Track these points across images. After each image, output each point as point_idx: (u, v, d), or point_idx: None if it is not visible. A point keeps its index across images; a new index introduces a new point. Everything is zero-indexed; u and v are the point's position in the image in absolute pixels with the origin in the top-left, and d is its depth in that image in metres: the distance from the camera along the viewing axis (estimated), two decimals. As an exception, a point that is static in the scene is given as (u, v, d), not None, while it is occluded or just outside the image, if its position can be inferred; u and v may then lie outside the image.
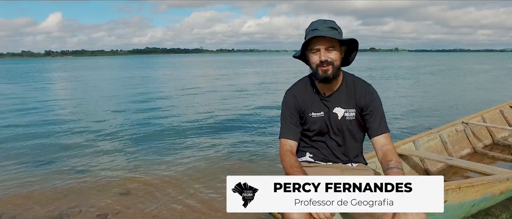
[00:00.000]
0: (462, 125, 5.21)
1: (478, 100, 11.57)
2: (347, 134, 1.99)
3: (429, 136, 4.56)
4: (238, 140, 6.47)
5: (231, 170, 4.84)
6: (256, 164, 5.07)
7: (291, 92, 2.04)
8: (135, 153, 5.72)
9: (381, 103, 1.97)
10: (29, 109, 10.58)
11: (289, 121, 1.99)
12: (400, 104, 10.85)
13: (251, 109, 10.14)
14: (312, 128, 2.00)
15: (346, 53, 1.96)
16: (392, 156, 1.79)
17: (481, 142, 5.32)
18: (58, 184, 4.42)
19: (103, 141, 6.54)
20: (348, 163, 2.05)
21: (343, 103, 1.96)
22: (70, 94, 15.66)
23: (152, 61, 78.62)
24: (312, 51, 1.86)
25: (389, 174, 1.71)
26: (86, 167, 5.08)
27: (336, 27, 1.86)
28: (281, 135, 1.99)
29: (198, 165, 5.04)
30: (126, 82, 21.67)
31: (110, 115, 9.45)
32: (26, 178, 4.64)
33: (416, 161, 4.13)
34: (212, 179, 4.44)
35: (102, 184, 4.38)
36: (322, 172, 1.96)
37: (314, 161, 2.06)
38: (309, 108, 1.99)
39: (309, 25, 1.91)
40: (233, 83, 19.36)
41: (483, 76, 23.15)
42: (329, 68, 1.83)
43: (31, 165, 5.21)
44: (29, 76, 29.43)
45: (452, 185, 2.56)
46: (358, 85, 1.98)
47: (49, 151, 5.91)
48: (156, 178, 4.52)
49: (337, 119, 1.97)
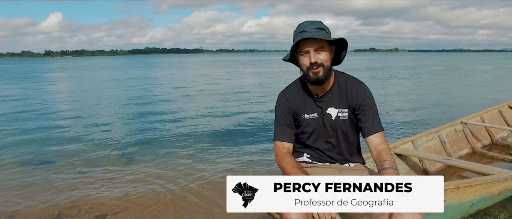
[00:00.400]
0: (461, 125, 5.22)
1: (477, 100, 11.59)
2: (341, 134, 1.99)
3: (428, 136, 4.57)
4: (237, 141, 6.47)
5: (230, 171, 4.83)
6: (255, 164, 5.07)
7: (284, 95, 2.03)
8: (134, 153, 5.72)
9: (374, 101, 1.96)
10: (27, 110, 10.55)
11: (283, 123, 1.98)
12: (399, 104, 10.85)
13: (250, 110, 10.16)
14: (306, 130, 2.00)
15: (336, 52, 1.95)
16: (386, 156, 1.78)
17: (480, 142, 5.33)
18: (57, 183, 4.41)
19: (102, 141, 6.53)
20: (346, 163, 2.05)
21: (336, 103, 1.95)
22: (69, 95, 15.65)
23: (152, 61, 78.56)
24: (301, 53, 1.85)
25: (383, 174, 1.71)
26: (85, 167, 5.08)
27: (324, 27, 1.85)
28: (276, 138, 1.98)
29: (197, 165, 5.03)
30: (125, 83, 21.68)
31: (109, 116, 9.46)
32: (25, 178, 4.64)
33: (415, 161, 4.13)
34: (211, 180, 4.45)
35: (101, 184, 4.38)
36: (320, 173, 1.96)
37: (312, 161, 2.06)
38: (302, 110, 1.98)
39: (296, 27, 1.90)
40: (232, 84, 19.37)
41: (482, 76, 23.16)
42: (319, 70, 1.82)
43: (30, 164, 5.21)
44: (28, 76, 29.41)
45: (450, 185, 2.57)
46: (350, 84, 1.97)
47: (48, 151, 5.91)
48: (155, 179, 4.52)
49: (331, 119, 1.96)
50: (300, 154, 2.08)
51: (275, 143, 1.99)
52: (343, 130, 1.98)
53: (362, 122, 1.92)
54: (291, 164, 1.84)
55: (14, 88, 18.52)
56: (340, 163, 2.04)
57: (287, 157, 1.89)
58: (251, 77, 24.99)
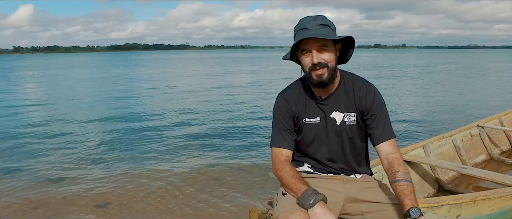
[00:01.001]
0: (477, 128, 5.22)
1: (494, 101, 11.66)
2: (347, 141, 1.94)
3: (440, 141, 4.55)
4: (227, 145, 6.47)
5: (219, 179, 4.84)
6: (247, 172, 5.06)
7: (283, 96, 1.99)
8: (113, 161, 5.68)
9: (384, 104, 1.92)
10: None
11: (282, 128, 1.94)
12: (408, 105, 10.90)
13: (241, 111, 10.14)
14: (307, 136, 1.95)
15: (342, 50, 1.91)
16: (398, 167, 1.75)
17: (498, 148, 5.33)
18: (28, 195, 4.37)
19: (78, 148, 6.47)
20: (352, 174, 1.99)
21: (342, 106, 1.90)
22: (41, 97, 15.50)
23: (130, 58, 78.05)
24: (303, 52, 1.80)
25: (396, 187, 1.69)
26: (59, 176, 5.05)
27: (328, 23, 1.80)
28: (274, 144, 1.94)
29: (183, 174, 5.02)
30: (102, 82, 21.56)
31: (86, 120, 9.37)
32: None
33: (426, 169, 4.11)
34: (198, 191, 4.42)
35: (77, 195, 4.36)
36: (323, 184, 1.91)
37: (313, 172, 2.01)
38: (303, 114, 1.93)
39: (297, 22, 1.85)
40: (220, 84, 19.36)
41: (499, 75, 23.34)
42: (324, 71, 1.77)
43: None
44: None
45: (466, 198, 2.54)
46: (358, 85, 1.92)
47: (17, 158, 5.87)
48: (135, 189, 4.50)
49: (336, 124, 1.91)
50: (300, 163, 2.03)
51: (273, 150, 1.94)
52: (349, 136, 1.93)
53: (371, 128, 1.88)
54: (291, 174, 1.81)
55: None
56: (345, 174, 1.98)
57: (286, 166, 1.86)
58: (240, 76, 24.98)
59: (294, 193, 1.76)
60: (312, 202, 1.65)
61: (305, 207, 1.67)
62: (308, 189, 1.71)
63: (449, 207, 2.44)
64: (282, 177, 1.83)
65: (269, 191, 4.21)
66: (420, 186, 3.95)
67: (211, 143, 6.67)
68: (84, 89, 17.73)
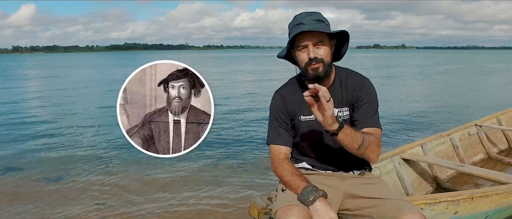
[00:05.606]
0: (476, 128, 5.22)
1: (493, 101, 11.64)
2: None
3: (438, 139, 4.56)
4: (227, 142, 6.52)
5: (218, 176, 4.86)
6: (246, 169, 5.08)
7: (280, 92, 2.00)
8: (113, 158, 5.68)
9: (376, 96, 1.90)
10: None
11: (279, 125, 1.95)
12: (407, 104, 10.92)
13: (240, 107, 10.15)
14: (304, 134, 1.95)
15: (337, 47, 1.92)
16: (366, 135, 1.74)
17: (496, 147, 5.34)
18: (26, 192, 4.38)
19: (78, 146, 6.49)
20: (350, 170, 2.00)
21: (336, 102, 1.87)
22: (41, 95, 15.48)
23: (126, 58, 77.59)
24: (299, 48, 1.81)
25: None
26: (58, 173, 5.06)
27: (323, 19, 1.82)
28: (271, 141, 1.95)
29: (183, 170, 5.02)
30: (101, 82, 21.53)
31: (84, 119, 9.38)
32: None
33: (424, 167, 4.12)
34: (197, 187, 4.44)
35: (76, 192, 4.36)
36: (322, 181, 1.92)
37: (312, 168, 2.02)
38: (299, 111, 1.94)
39: (292, 19, 1.86)
40: (220, 84, 19.33)
41: (499, 76, 23.33)
42: (319, 66, 1.78)
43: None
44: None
45: (463, 194, 2.55)
46: (351, 79, 1.93)
47: (16, 157, 5.87)
48: (134, 186, 4.53)
49: None
50: (299, 161, 2.04)
51: (271, 147, 1.96)
52: None
53: (357, 114, 1.86)
54: (290, 171, 1.82)
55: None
56: (343, 170, 1.99)
57: (285, 163, 1.87)
58: (239, 75, 24.97)
59: (294, 190, 1.77)
60: (312, 199, 1.67)
61: (305, 204, 1.68)
62: (307, 185, 1.72)
63: (446, 204, 2.46)
64: (281, 175, 1.85)
65: (269, 187, 4.23)
66: (419, 184, 3.96)
67: (210, 141, 6.66)
68: (84, 89, 17.68)
